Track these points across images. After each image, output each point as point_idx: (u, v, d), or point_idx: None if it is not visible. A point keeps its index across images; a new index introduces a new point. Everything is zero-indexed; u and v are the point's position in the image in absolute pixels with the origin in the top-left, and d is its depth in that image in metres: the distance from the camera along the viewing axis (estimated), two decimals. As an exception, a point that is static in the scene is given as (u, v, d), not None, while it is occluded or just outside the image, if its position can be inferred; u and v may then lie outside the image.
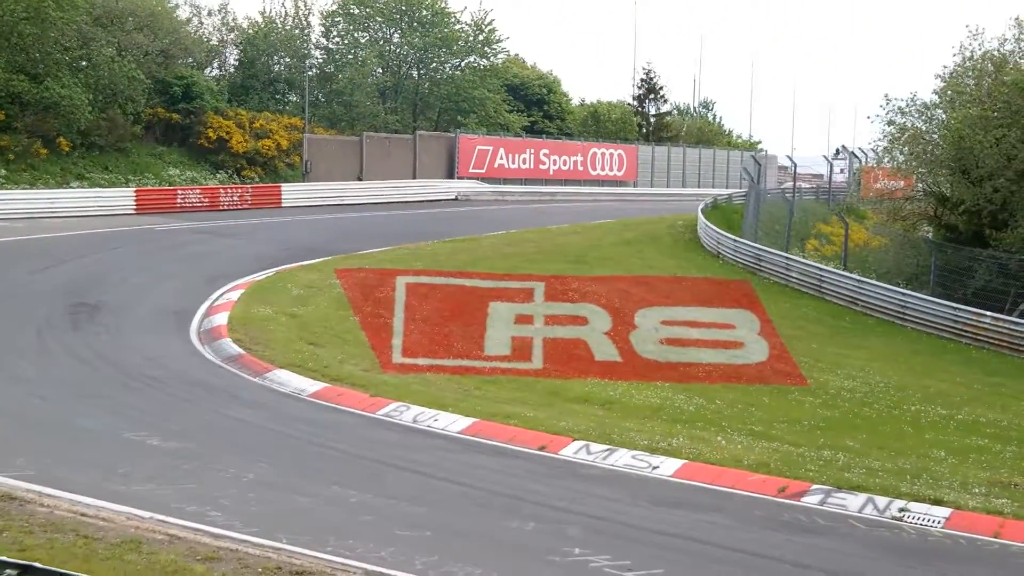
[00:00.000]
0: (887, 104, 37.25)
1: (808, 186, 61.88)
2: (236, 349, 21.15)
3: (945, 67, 38.50)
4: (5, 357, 19.66)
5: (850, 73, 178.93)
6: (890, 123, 37.42)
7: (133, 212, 43.38)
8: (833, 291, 32.37)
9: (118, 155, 49.67)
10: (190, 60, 57.58)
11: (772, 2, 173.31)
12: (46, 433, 15.35)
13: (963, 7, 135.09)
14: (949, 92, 36.79)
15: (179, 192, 46.97)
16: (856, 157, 59.18)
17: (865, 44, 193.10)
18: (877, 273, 34.04)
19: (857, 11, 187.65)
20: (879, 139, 39.14)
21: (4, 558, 6.87)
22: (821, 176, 66.64)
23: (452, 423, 17.25)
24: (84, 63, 48.08)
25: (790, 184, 51.67)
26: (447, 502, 13.66)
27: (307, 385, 19.02)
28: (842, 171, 62.04)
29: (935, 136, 36.83)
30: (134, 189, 45.97)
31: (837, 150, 70.21)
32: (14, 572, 6.69)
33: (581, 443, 16.51)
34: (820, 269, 33.55)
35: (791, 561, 12.37)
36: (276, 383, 19.24)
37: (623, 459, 15.98)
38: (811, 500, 14.64)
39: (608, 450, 16.29)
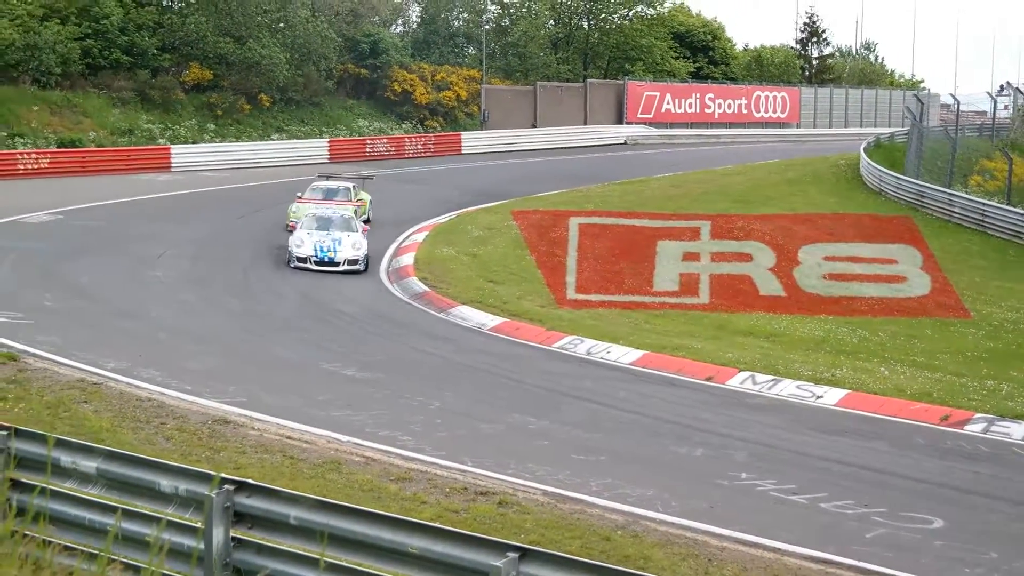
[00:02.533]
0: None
1: (971, 123, 59.29)
2: (422, 287, 21.53)
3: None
4: (216, 293, 20.45)
5: (1016, 6, 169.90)
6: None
7: (327, 161, 44.33)
8: (997, 226, 31.02)
9: (313, 109, 50.79)
10: (376, 18, 58.30)
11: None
12: (253, 363, 15.93)
13: None
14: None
15: (368, 142, 47.78)
16: (1021, 93, 56.34)
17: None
18: (1043, 207, 32.46)
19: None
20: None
21: (223, 475, 7.17)
22: (984, 113, 63.71)
23: (623, 355, 17.25)
24: (281, 24, 49.19)
25: (953, 122, 49.51)
26: (619, 429, 13.70)
27: (487, 320, 19.25)
28: (1006, 107, 59.16)
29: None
30: (327, 140, 46.97)
31: (1001, 86, 67.06)
32: (232, 487, 6.99)
33: (747, 374, 16.33)
34: (984, 204, 32.16)
35: (953, 486, 12.04)
36: (459, 318, 19.52)
37: (788, 389, 15.75)
38: (974, 428, 14.19)
39: (773, 380, 16.07)
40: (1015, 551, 10.20)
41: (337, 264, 22.97)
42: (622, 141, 57.24)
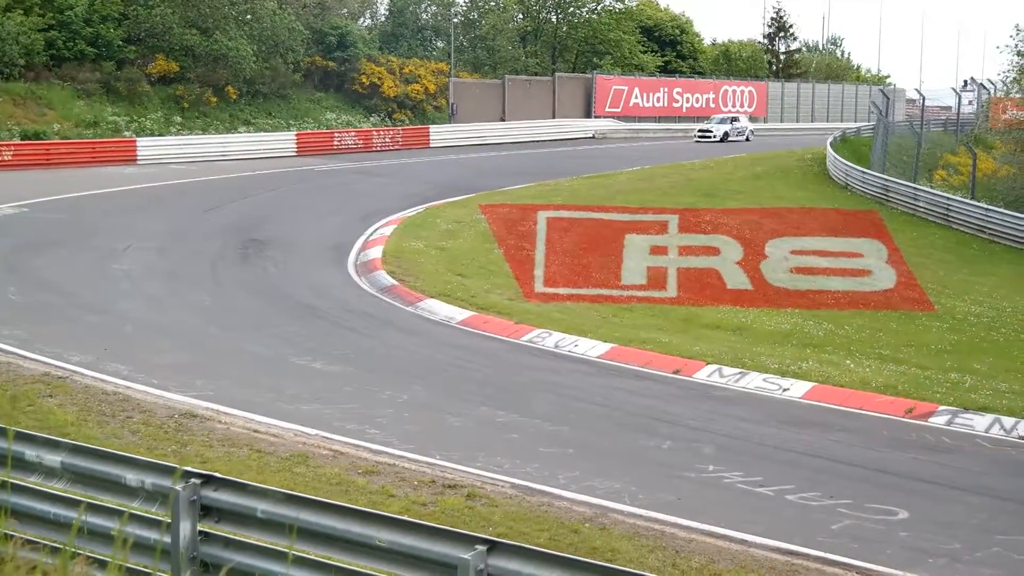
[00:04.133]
0: (1017, 34, 35.77)
1: (936, 118, 59.70)
2: (390, 280, 21.47)
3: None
4: (184, 287, 20.31)
5: (980, 2, 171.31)
6: (1020, 54, 35.90)
7: (294, 154, 44.17)
8: (960, 220, 31.33)
9: (280, 101, 50.60)
10: (344, 11, 58.16)
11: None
12: (221, 357, 15.84)
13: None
14: (1080, 21, 35.09)
15: (336, 135, 47.63)
16: (985, 88, 56.82)
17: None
18: (1005, 201, 32.81)
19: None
20: (1008, 69, 37.59)
21: (190, 468, 7.14)
22: (949, 108, 64.21)
23: (591, 348, 17.28)
24: (248, 17, 48.96)
25: (918, 117, 49.80)
26: (587, 422, 13.72)
27: (455, 313, 19.23)
28: (970, 103, 59.68)
29: (1066, 65, 35.21)
30: (295, 133, 46.82)
31: (965, 82, 67.55)
32: (198, 481, 6.96)
33: (714, 367, 16.39)
34: (948, 198, 32.47)
35: (917, 477, 12.15)
36: (427, 312, 19.49)
37: (754, 382, 15.83)
38: (938, 420, 14.32)
39: (740, 373, 16.14)
40: (978, 542, 10.30)
41: None
42: (590, 135, 57.35)
